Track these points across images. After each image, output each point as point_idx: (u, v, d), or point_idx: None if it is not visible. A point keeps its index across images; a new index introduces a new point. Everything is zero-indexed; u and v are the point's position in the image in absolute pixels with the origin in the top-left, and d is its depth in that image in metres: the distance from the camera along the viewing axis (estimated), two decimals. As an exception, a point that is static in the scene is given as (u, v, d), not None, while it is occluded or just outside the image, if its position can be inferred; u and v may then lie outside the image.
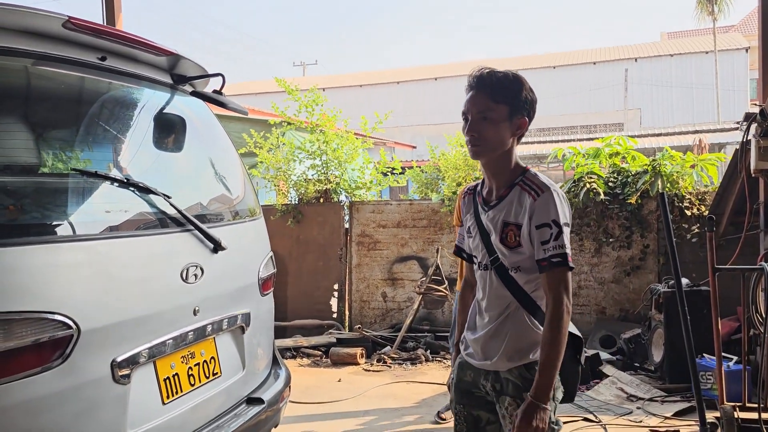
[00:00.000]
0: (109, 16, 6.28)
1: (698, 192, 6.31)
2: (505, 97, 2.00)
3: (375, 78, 35.99)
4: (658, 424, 4.17)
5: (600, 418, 4.31)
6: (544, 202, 1.96)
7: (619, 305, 6.53)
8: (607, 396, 4.74)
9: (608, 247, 6.52)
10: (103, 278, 2.12)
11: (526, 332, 2.04)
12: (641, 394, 4.71)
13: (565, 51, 35.67)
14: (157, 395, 2.33)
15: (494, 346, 2.07)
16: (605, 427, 4.15)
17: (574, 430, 4.13)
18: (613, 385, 4.87)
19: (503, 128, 2.01)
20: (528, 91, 2.04)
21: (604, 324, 6.40)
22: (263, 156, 7.57)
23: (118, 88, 2.62)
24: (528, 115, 2.04)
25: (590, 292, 6.64)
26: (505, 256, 2.05)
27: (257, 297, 3.07)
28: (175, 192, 2.58)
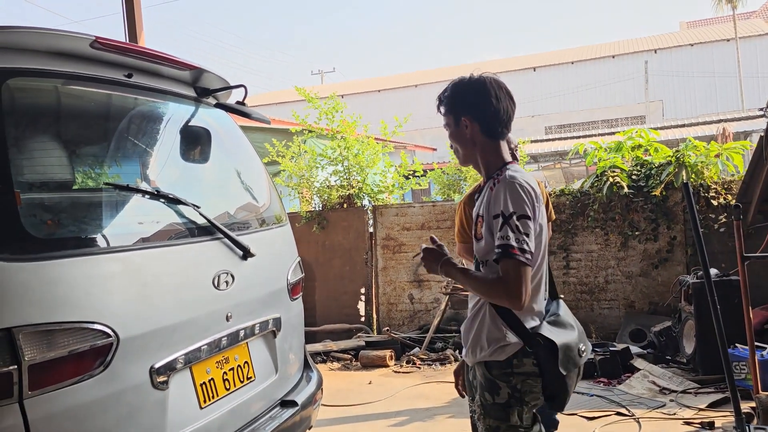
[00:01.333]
0: (131, 35, 6.42)
1: (724, 181, 6.24)
2: (447, 106, 2.11)
3: (393, 82, 36.06)
4: (693, 416, 4.13)
5: (633, 412, 4.29)
6: (496, 192, 1.95)
7: (648, 298, 6.48)
8: (639, 389, 4.71)
9: (634, 240, 6.47)
10: (139, 287, 2.18)
11: (488, 329, 2.01)
12: (674, 386, 4.68)
13: (584, 45, 35.37)
14: (194, 400, 2.39)
15: (467, 338, 2.11)
16: (638, 421, 4.13)
17: (607, 424, 4.11)
18: (645, 379, 4.83)
19: (459, 135, 2.10)
20: (460, 92, 2.08)
21: (634, 318, 6.36)
22: (286, 164, 7.66)
23: (145, 104, 2.70)
24: (471, 113, 2.05)
25: (618, 287, 6.59)
26: (475, 248, 2.06)
27: (287, 301, 3.12)
28: (204, 202, 2.65)
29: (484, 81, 2.08)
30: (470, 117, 2.06)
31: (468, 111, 2.06)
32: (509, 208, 1.91)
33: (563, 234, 6.75)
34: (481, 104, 2.05)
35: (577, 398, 4.71)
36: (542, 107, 31.70)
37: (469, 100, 2.06)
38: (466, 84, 2.08)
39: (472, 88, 2.07)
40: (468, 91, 2.07)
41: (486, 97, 2.05)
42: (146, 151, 2.72)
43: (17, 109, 2.12)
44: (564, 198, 6.77)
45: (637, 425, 4.08)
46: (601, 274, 6.66)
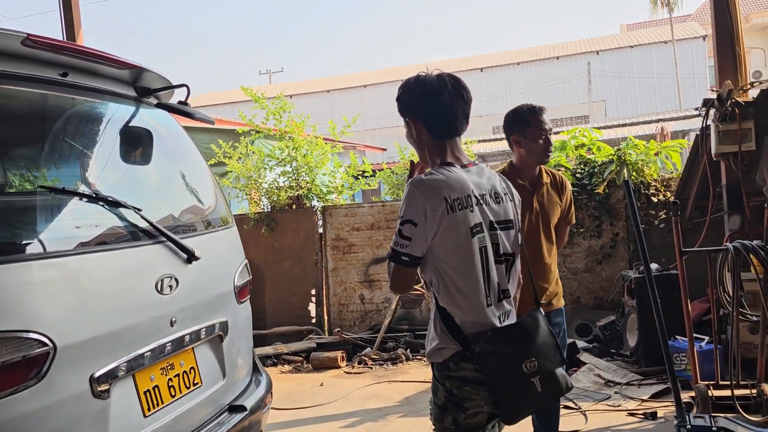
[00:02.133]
0: (69, 32, 6.21)
1: (663, 178, 6.46)
2: (399, 107, 2.12)
3: (342, 82, 36.01)
4: (636, 407, 4.26)
5: (579, 405, 4.39)
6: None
7: (593, 294, 6.64)
8: (585, 383, 4.82)
9: (579, 237, 6.63)
10: (77, 294, 2.11)
11: (432, 330, 2.04)
12: (618, 379, 4.81)
13: (530, 47, 36.10)
14: (138, 408, 2.32)
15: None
16: (585, 414, 4.23)
17: (554, 418, 4.19)
18: (591, 372, 4.95)
19: (408, 136, 2.14)
20: (402, 93, 2.10)
21: (580, 313, 6.50)
22: (233, 165, 7.55)
23: (82, 104, 2.61)
24: (414, 113, 2.07)
25: (564, 282, 6.70)
26: None
27: (234, 305, 3.07)
28: (146, 204, 2.58)
29: (426, 80, 2.05)
30: (414, 117, 2.06)
31: (412, 111, 2.07)
32: (405, 212, 1.94)
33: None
34: (424, 104, 2.03)
35: (526, 393, 4.79)
36: (489, 107, 32.16)
37: (411, 101, 2.07)
38: (411, 85, 2.07)
39: (415, 88, 2.06)
40: (411, 92, 2.07)
41: (428, 97, 2.03)
42: (84, 152, 2.63)
43: (-57, 109, 2.01)
44: (511, 196, 6.87)
45: (584, 418, 4.17)
46: (548, 270, 6.77)
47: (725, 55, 4.94)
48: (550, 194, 3.18)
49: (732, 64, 4.92)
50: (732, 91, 4.66)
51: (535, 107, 3.14)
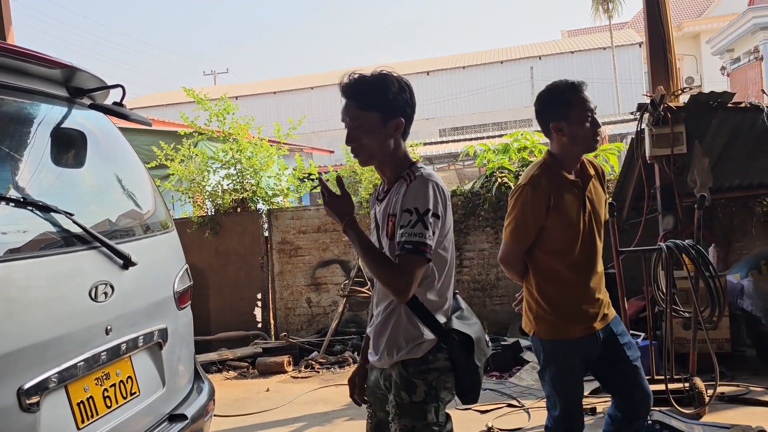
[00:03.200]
0: (-2, 29, 5.95)
1: (602, 180, 6.63)
2: (374, 103, 1.98)
3: (289, 84, 35.77)
4: (577, 404, 4.35)
5: (523, 403, 4.47)
6: (412, 188, 1.95)
7: (536, 293, 6.76)
8: (529, 381, 4.91)
9: (522, 238, 6.74)
10: (3, 303, 2.01)
11: (405, 327, 2.02)
12: (560, 376, 4.91)
13: (474, 51, 36.67)
14: (71, 420, 2.24)
15: (379, 340, 2.08)
16: (528, 411, 4.30)
17: (499, 416, 4.26)
18: (534, 370, 5.04)
19: (379, 134, 2.00)
20: (397, 91, 1.99)
21: (524, 312, 6.61)
22: (175, 168, 7.38)
23: (9, 104, 2.50)
24: (403, 114, 2.01)
25: (509, 283, 6.84)
26: (387, 247, 2.03)
27: (174, 311, 2.99)
28: (79, 209, 2.49)
29: (409, 83, 2.04)
30: (402, 118, 2.01)
31: (401, 111, 2.00)
32: (426, 205, 1.91)
33: (456, 234, 6.92)
34: (410, 106, 2.02)
35: (471, 393, 4.85)
36: (436, 110, 32.49)
37: (402, 101, 2.00)
38: (397, 83, 1.99)
39: (404, 88, 2.00)
40: (403, 92, 2.00)
41: (413, 100, 2.04)
42: (11, 155, 2.51)
43: None
44: (456, 198, 6.95)
45: (527, 415, 4.25)
46: (493, 271, 6.89)
47: (658, 62, 5.12)
48: (597, 188, 2.67)
49: (664, 70, 5.10)
50: (664, 96, 4.83)
51: (575, 84, 2.58)
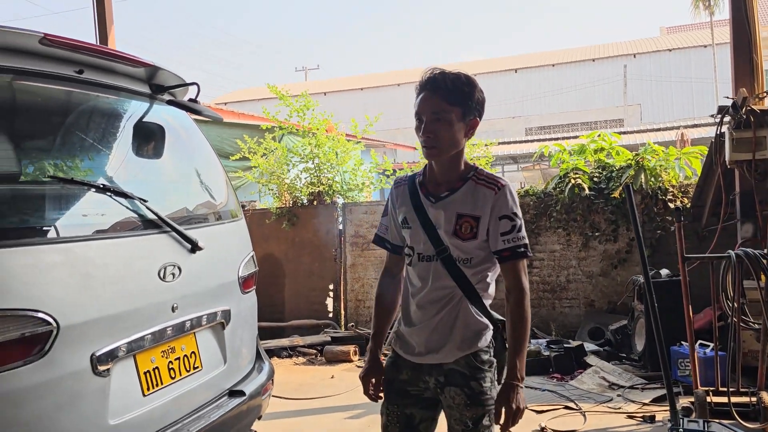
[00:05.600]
0: (101, 30, 6.45)
1: (681, 185, 6.42)
2: (459, 98, 2.03)
3: (376, 81, 36.18)
4: (636, 410, 4.29)
5: (581, 406, 4.43)
6: (503, 194, 2.05)
7: (607, 297, 6.64)
8: (589, 385, 4.86)
9: (595, 240, 6.63)
10: (82, 278, 2.26)
11: (473, 321, 2.09)
12: (622, 382, 4.83)
13: (565, 49, 35.76)
14: (137, 387, 2.47)
15: (440, 338, 2.09)
16: (584, 414, 4.27)
17: (554, 417, 4.25)
18: (596, 375, 4.98)
19: (458, 129, 2.04)
20: (479, 92, 2.07)
21: (593, 316, 6.52)
22: (257, 161, 7.72)
23: (97, 99, 2.76)
24: (479, 115, 2.09)
25: (579, 286, 6.75)
26: (456, 247, 2.07)
27: (238, 294, 3.20)
28: (155, 196, 2.72)
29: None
30: (478, 119, 2.09)
31: (478, 112, 2.08)
32: (518, 210, 2.08)
33: (527, 234, 6.88)
34: (483, 110, 2.11)
35: (529, 392, 4.85)
36: (523, 109, 32.01)
37: (481, 102, 2.08)
38: (479, 86, 2.09)
39: (482, 92, 2.09)
40: (482, 93, 2.08)
41: (484, 105, 2.11)
42: (96, 145, 2.78)
43: (-36, 103, 2.18)
44: (528, 199, 6.91)
45: (583, 418, 4.22)
46: (563, 273, 6.81)
47: (742, 62, 4.92)
48: None
49: (749, 72, 4.89)
50: (747, 99, 4.64)
51: None
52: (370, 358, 2.32)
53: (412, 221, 2.17)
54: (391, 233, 2.29)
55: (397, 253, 2.29)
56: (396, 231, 2.27)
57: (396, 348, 2.24)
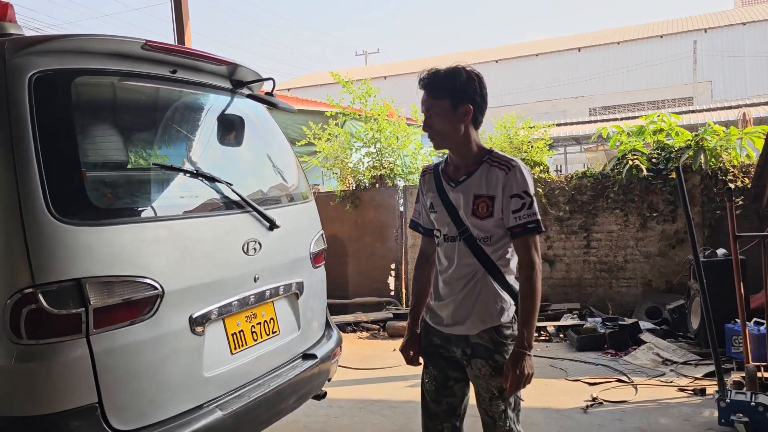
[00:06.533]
0: (179, 26, 6.91)
1: (742, 165, 6.41)
2: (444, 91, 2.21)
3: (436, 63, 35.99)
4: (687, 384, 4.43)
5: (633, 379, 4.60)
6: (514, 174, 2.19)
7: (665, 277, 6.71)
8: (643, 360, 5.01)
9: (653, 221, 6.70)
10: (181, 250, 2.63)
11: (495, 297, 2.26)
12: (676, 358, 4.96)
13: (631, 25, 34.72)
14: (226, 346, 2.84)
15: (464, 311, 2.28)
16: (636, 387, 4.45)
17: (606, 389, 4.45)
18: (650, 351, 5.13)
19: (451, 119, 2.22)
20: (465, 81, 2.20)
21: (651, 296, 6.61)
22: (321, 146, 8.09)
23: (187, 95, 3.14)
24: (472, 101, 2.21)
25: (636, 266, 6.84)
26: (475, 227, 2.24)
27: (309, 268, 3.54)
28: (237, 180, 3.08)
29: (480, 75, 2.29)
30: (470, 105, 2.21)
31: (469, 99, 2.21)
32: (530, 188, 2.21)
33: (584, 215, 7.02)
34: (479, 95, 2.25)
35: (584, 367, 5.05)
36: (586, 88, 31.37)
37: (471, 90, 2.21)
38: (466, 74, 2.22)
39: (473, 78, 2.23)
40: (472, 81, 2.22)
41: (483, 90, 2.26)
42: (188, 136, 3.16)
43: (83, 102, 2.58)
44: (586, 180, 7.02)
45: (634, 390, 4.40)
46: (621, 253, 6.91)
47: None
48: None
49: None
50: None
51: None
52: (408, 332, 2.54)
53: (437, 205, 2.35)
54: (423, 218, 2.49)
55: (429, 236, 2.48)
56: (426, 215, 2.46)
57: (427, 318, 2.44)
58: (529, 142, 7.32)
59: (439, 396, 2.42)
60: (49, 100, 2.38)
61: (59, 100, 2.44)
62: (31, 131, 2.28)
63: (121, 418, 2.35)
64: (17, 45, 2.40)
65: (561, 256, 7.22)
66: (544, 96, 31.87)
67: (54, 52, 2.48)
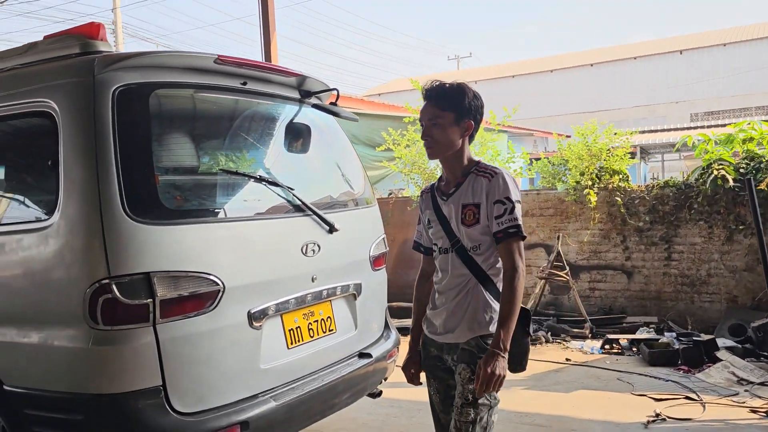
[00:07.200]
0: (266, 36, 7.28)
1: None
2: (451, 105, 2.30)
3: (528, 67, 35.52)
4: (761, 405, 4.23)
5: (702, 397, 4.45)
6: (497, 182, 2.27)
7: (751, 293, 6.38)
8: (716, 379, 4.82)
9: (740, 234, 6.39)
10: (242, 250, 2.85)
11: (484, 306, 2.31)
12: (753, 378, 4.74)
13: (738, 26, 32.75)
14: (283, 341, 3.03)
15: (455, 320, 2.35)
16: (704, 405, 4.29)
17: (672, 405, 4.32)
18: (725, 369, 4.92)
19: (452, 132, 2.31)
20: (471, 98, 2.32)
21: (735, 312, 6.30)
22: (400, 152, 8.24)
23: (256, 105, 3.37)
24: (474, 119, 2.33)
25: (720, 280, 6.55)
26: (465, 236, 2.32)
27: (368, 271, 3.68)
28: (301, 185, 3.27)
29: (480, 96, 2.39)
30: (473, 121, 2.34)
31: (472, 115, 2.33)
32: (515, 195, 2.28)
33: (666, 225, 6.79)
34: (480, 114, 2.37)
35: (653, 382, 4.92)
36: (688, 93, 29.91)
37: (474, 107, 2.33)
38: (472, 92, 2.35)
39: (477, 98, 2.36)
40: (475, 99, 2.35)
41: (482, 110, 2.39)
42: (255, 143, 3.40)
43: (159, 113, 2.85)
44: (668, 190, 6.80)
45: (702, 408, 4.25)
46: (704, 267, 6.63)
47: None
48: None
49: None
50: None
51: None
52: (409, 351, 2.61)
53: (433, 221, 2.45)
54: (424, 238, 2.56)
55: (429, 255, 2.56)
56: (426, 234, 2.54)
57: (424, 328, 2.52)
58: (609, 149, 7.15)
59: (446, 406, 2.46)
60: (129, 111, 2.66)
61: (138, 111, 2.71)
62: (113, 139, 2.56)
63: (183, 401, 2.59)
64: (105, 61, 2.69)
65: (640, 267, 7.02)
66: (642, 101, 30.65)
67: (136, 68, 2.76)
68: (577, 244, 7.35)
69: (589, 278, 7.35)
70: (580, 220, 7.35)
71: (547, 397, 4.74)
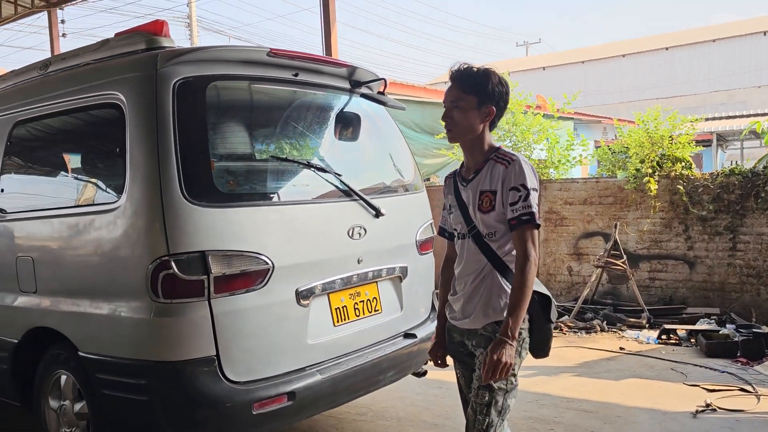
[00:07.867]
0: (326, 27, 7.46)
1: None
2: (474, 88, 2.28)
3: (598, 53, 34.51)
4: (819, 400, 4.12)
5: (757, 389, 4.36)
6: (513, 168, 2.25)
7: (822, 287, 6.14)
8: (775, 372, 4.70)
9: (811, 226, 6.14)
10: (290, 232, 3.03)
11: (500, 292, 2.31)
12: (814, 372, 4.60)
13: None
14: (329, 319, 3.21)
15: (471, 305, 2.36)
16: (758, 397, 4.21)
17: (725, 396, 4.26)
18: (786, 363, 4.79)
19: (473, 115, 2.30)
20: (496, 84, 2.29)
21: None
22: (457, 139, 8.28)
23: (308, 95, 3.53)
24: (497, 104, 2.30)
25: (789, 273, 6.31)
26: (481, 222, 2.32)
27: (414, 255, 3.80)
28: (350, 171, 3.43)
29: (507, 83, 2.39)
30: (494, 107, 2.31)
31: (495, 101, 2.31)
32: (531, 182, 2.27)
33: (731, 215, 6.59)
34: (503, 101, 2.36)
35: (707, 373, 4.85)
36: (771, 77, 28.39)
37: (498, 93, 2.31)
38: (498, 78, 2.33)
39: (502, 84, 2.33)
40: (500, 85, 2.32)
41: (507, 97, 2.38)
42: (306, 132, 3.57)
43: (215, 103, 3.06)
44: (734, 178, 6.59)
45: (756, 400, 4.17)
46: (773, 258, 6.41)
47: None
48: None
49: None
50: None
51: None
52: (436, 335, 2.67)
53: (453, 206, 2.47)
54: (448, 223, 2.55)
55: (453, 240, 2.54)
56: (449, 219, 2.53)
57: (447, 314, 2.54)
58: (671, 137, 6.97)
59: (471, 389, 2.46)
60: (188, 102, 2.87)
61: (196, 102, 2.92)
62: (173, 128, 2.78)
63: (234, 370, 2.80)
64: (167, 56, 2.92)
65: (702, 257, 6.84)
66: (721, 86, 29.30)
67: (194, 62, 2.97)
68: (636, 233, 7.23)
69: (649, 268, 7.22)
70: (640, 208, 7.22)
71: (596, 384, 4.75)
